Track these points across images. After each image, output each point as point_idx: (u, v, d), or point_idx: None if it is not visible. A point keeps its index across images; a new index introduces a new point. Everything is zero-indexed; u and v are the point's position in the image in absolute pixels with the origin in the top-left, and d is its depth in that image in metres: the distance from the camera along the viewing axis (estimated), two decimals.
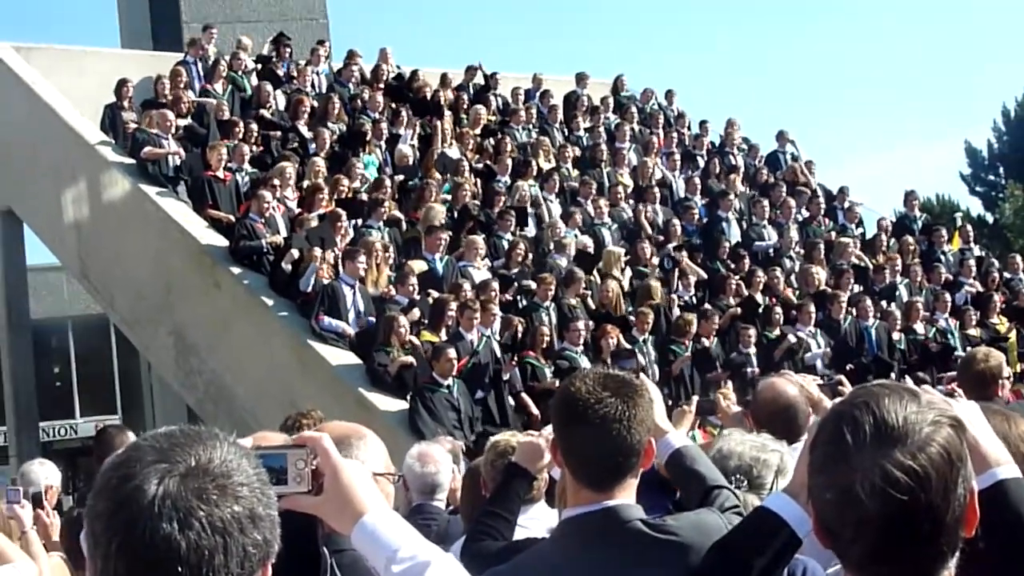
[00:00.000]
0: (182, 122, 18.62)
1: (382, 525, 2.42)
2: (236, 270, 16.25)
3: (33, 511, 6.84)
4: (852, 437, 2.13)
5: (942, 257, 21.16)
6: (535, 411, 14.21)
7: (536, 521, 5.23)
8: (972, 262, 21.13)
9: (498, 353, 14.79)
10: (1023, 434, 3.34)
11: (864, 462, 2.10)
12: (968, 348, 16.66)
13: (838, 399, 2.49)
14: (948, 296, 19.21)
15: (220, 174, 17.29)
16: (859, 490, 2.09)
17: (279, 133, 19.06)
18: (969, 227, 23.86)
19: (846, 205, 22.77)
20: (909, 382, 15.04)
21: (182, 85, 19.46)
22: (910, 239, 21.41)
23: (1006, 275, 21.22)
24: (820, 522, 2.21)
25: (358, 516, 2.44)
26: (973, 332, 18.39)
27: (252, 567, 1.93)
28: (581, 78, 24.91)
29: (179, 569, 1.86)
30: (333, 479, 2.47)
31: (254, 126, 18.62)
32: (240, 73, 20.58)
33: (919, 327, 18.15)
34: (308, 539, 2.58)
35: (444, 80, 22.51)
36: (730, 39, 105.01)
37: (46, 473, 7.70)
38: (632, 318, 16.32)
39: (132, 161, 17.97)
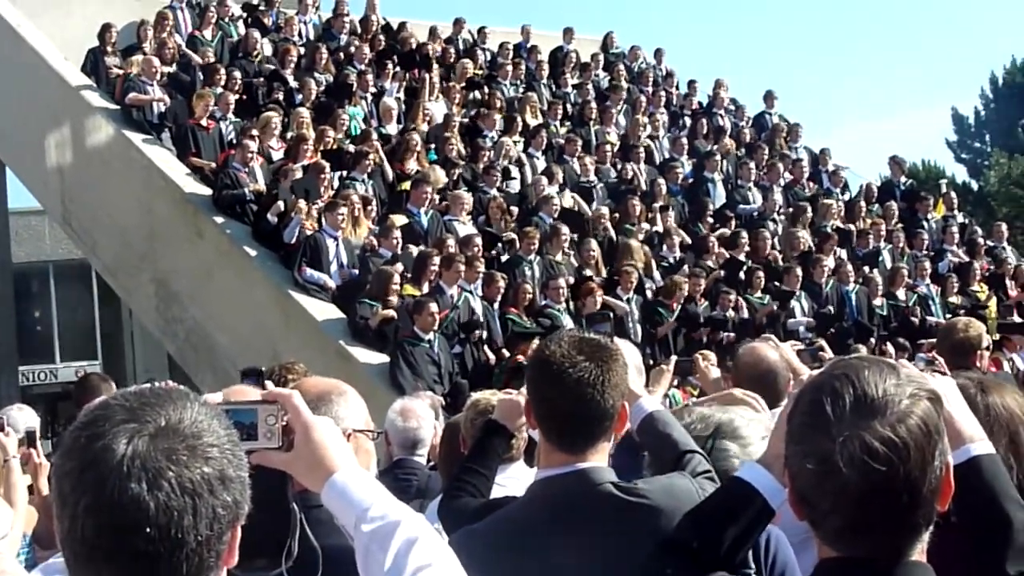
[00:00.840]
0: (167, 69, 18.47)
1: (353, 484, 2.41)
2: (219, 219, 16.20)
3: (27, 450, 6.83)
4: (832, 408, 2.15)
5: (925, 224, 21.18)
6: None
7: (514, 480, 5.23)
8: (955, 229, 21.15)
9: (478, 309, 14.79)
10: (1005, 404, 3.35)
11: (844, 432, 2.12)
12: (948, 315, 16.76)
13: (817, 370, 2.49)
14: (929, 263, 19.24)
15: (204, 122, 17.20)
16: (838, 460, 2.11)
17: (264, 81, 18.93)
18: (953, 194, 23.88)
19: (830, 168, 22.75)
20: (889, 347, 15.16)
21: (167, 31, 19.30)
22: (893, 204, 21.43)
23: (989, 243, 21.25)
24: (797, 492, 2.22)
25: (329, 474, 2.43)
26: (954, 300, 18.43)
27: (222, 528, 1.93)
28: (568, 33, 24.80)
29: (147, 530, 1.85)
30: (304, 436, 2.46)
31: (238, 74, 18.48)
32: (227, 20, 20.42)
33: (900, 293, 18.20)
34: (278, 495, 2.56)
35: (432, 33, 22.37)
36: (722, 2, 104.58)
37: (25, 418, 7.67)
38: (616, 277, 16.30)
39: (117, 107, 17.86)
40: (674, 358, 6.71)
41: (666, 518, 3.29)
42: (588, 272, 16.37)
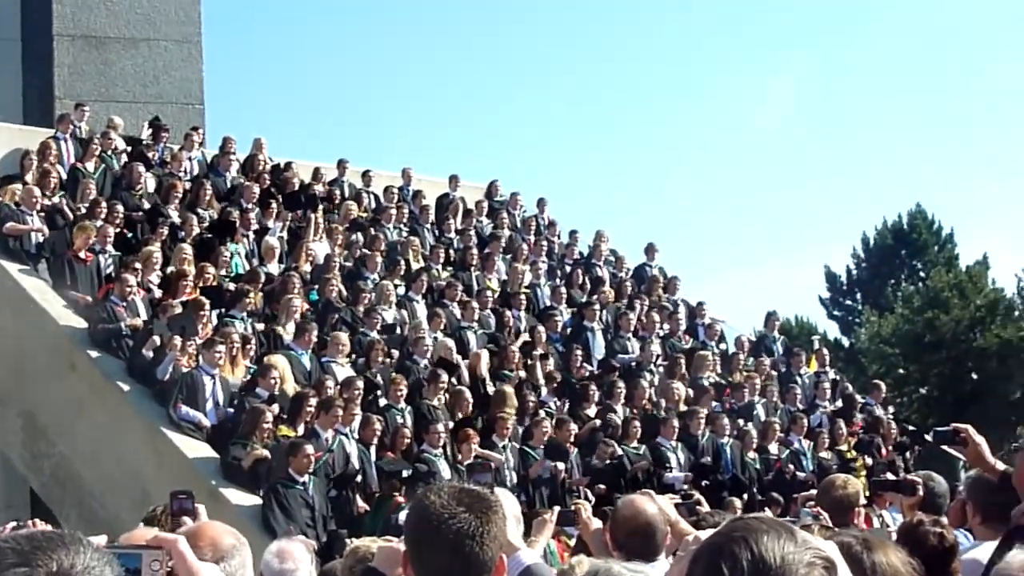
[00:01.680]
0: (47, 200, 18.26)
1: None
2: (94, 353, 15.93)
3: None
4: (730, 572, 2.14)
5: (799, 379, 21.53)
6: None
7: None
8: (827, 385, 21.54)
9: (353, 452, 14.67)
10: (890, 561, 3.40)
11: None
12: (817, 471, 17.03)
13: (709, 529, 2.49)
14: (804, 418, 19.53)
15: (83, 254, 17.00)
16: None
17: (146, 216, 18.81)
18: (825, 350, 24.35)
19: (707, 321, 23.10)
20: (766, 508, 15.22)
21: (50, 161, 19.15)
22: (767, 359, 21.79)
23: (864, 400, 21.67)
24: None
25: None
26: (825, 455, 18.68)
27: None
28: (454, 180, 25.10)
29: None
30: None
31: (120, 207, 18.33)
32: (110, 153, 20.31)
33: (773, 447, 18.42)
34: None
35: (316, 174, 22.48)
36: (602, 153, 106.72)
37: None
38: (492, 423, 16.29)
39: None
40: (556, 508, 6.70)
41: None
42: (462, 417, 16.36)
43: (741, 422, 18.88)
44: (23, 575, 1.85)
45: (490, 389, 17.54)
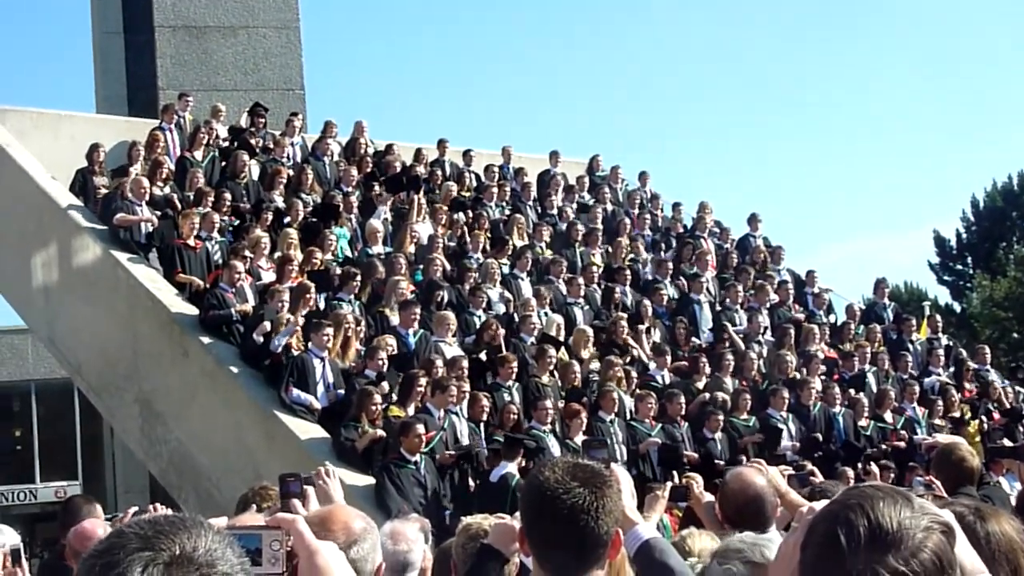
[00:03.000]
0: (156, 190, 18.55)
1: None
2: (205, 339, 16.16)
3: (12, 569, 6.72)
4: (847, 539, 2.12)
5: (910, 346, 21.24)
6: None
7: None
8: (940, 351, 21.23)
9: (464, 431, 14.73)
10: (1004, 531, 3.33)
11: (858, 565, 2.10)
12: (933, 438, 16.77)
13: (827, 500, 2.45)
14: (917, 385, 19.27)
15: (191, 242, 17.25)
16: None
17: (252, 203, 19.04)
18: (937, 316, 24.00)
19: (815, 290, 22.85)
20: (874, 468, 15.09)
21: (159, 152, 19.45)
22: (878, 327, 21.51)
23: (974, 365, 21.31)
24: None
25: None
26: (939, 422, 18.42)
27: None
28: (554, 156, 25.08)
29: None
30: (308, 562, 2.45)
31: (227, 195, 18.58)
32: (213, 142, 20.58)
33: (887, 416, 18.19)
34: None
35: (417, 155, 22.59)
36: (705, 125, 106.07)
37: (6, 538, 7.55)
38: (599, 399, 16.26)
39: (104, 227, 17.92)
40: (669, 483, 6.67)
41: None
42: (573, 390, 16.36)
43: (853, 391, 18.66)
44: (147, 559, 1.87)
45: (596, 365, 17.50)
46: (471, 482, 14.42)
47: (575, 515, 3.32)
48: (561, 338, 17.73)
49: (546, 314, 18.22)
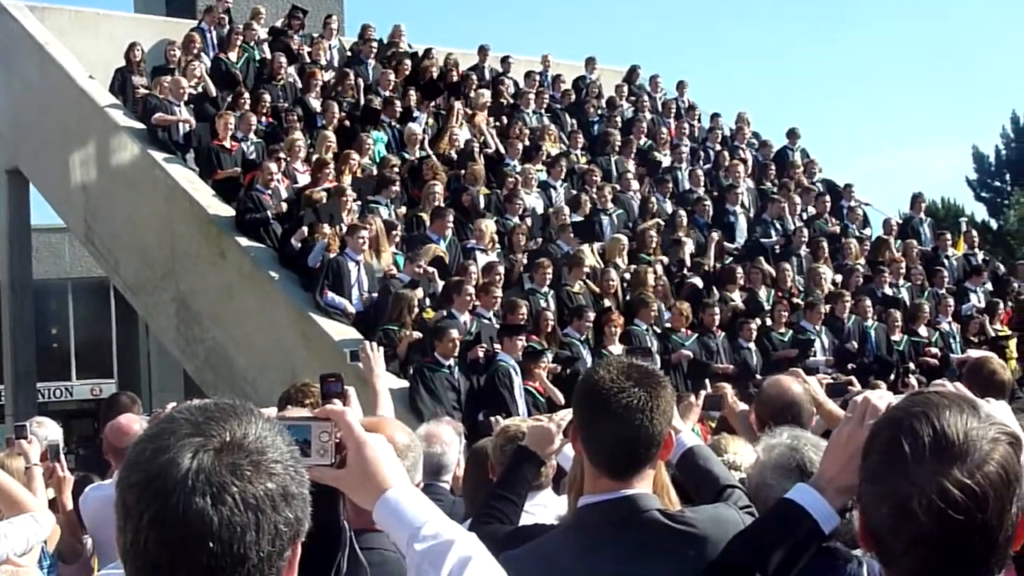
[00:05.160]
0: (193, 90, 18.54)
1: (405, 501, 2.42)
2: (242, 241, 16.22)
3: (51, 464, 6.83)
4: (911, 449, 2.09)
5: (946, 261, 21.12)
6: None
7: (543, 508, 5.22)
8: (977, 267, 21.09)
9: (493, 336, 14.73)
10: None
11: (922, 476, 2.07)
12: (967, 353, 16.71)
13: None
14: (951, 301, 19.18)
15: (227, 143, 17.25)
16: (915, 506, 2.06)
17: (288, 105, 19.01)
18: (974, 232, 23.83)
19: (852, 204, 22.72)
20: (912, 380, 15.04)
21: (195, 52, 19.40)
22: (915, 242, 21.37)
23: (1016, 284, 21.17)
24: (870, 530, 2.17)
25: (381, 491, 2.44)
26: (975, 338, 18.34)
27: (283, 545, 1.92)
28: (591, 63, 24.92)
29: (210, 545, 1.84)
30: (357, 453, 2.48)
31: (266, 96, 18.55)
32: (252, 44, 20.50)
33: (922, 330, 18.12)
34: (330, 512, 2.58)
35: (456, 61, 22.46)
36: (741, 34, 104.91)
37: (47, 432, 7.66)
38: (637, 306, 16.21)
39: (142, 126, 17.94)
40: (703, 392, 6.68)
41: (712, 546, 3.28)
42: (607, 302, 16.32)
43: (886, 306, 18.58)
44: (197, 444, 1.89)
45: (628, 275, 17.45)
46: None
47: (631, 414, 3.33)
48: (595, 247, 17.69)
49: (579, 221, 18.12)
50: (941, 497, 2.05)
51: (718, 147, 23.69)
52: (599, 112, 23.28)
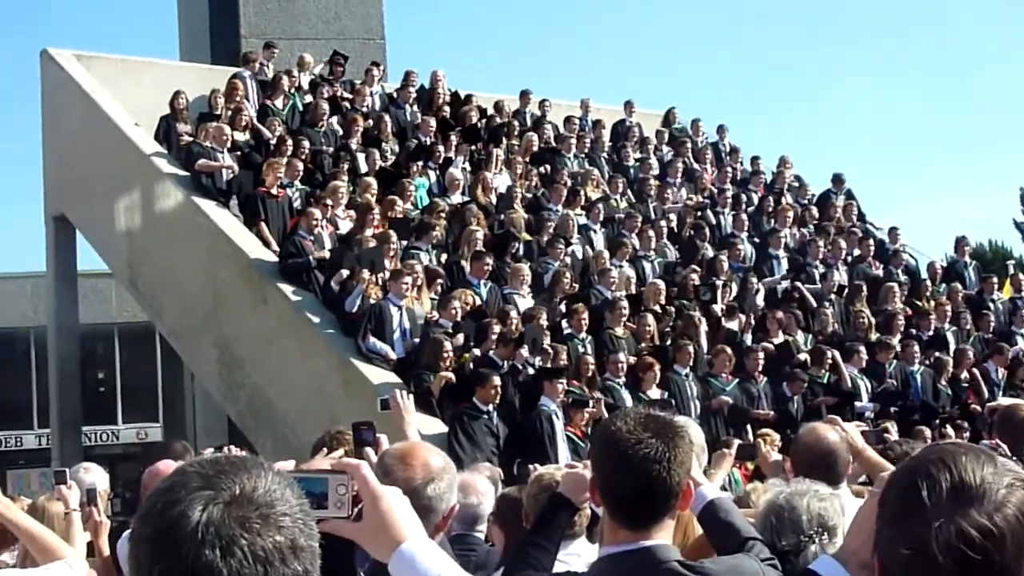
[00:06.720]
0: (238, 137, 18.71)
1: (421, 553, 2.44)
2: (284, 286, 16.29)
3: (88, 508, 6.87)
4: (928, 493, 2.11)
5: (991, 305, 20.94)
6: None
7: (576, 557, 5.21)
8: None
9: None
10: None
11: (940, 518, 2.08)
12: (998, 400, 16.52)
13: (908, 456, 2.42)
14: (997, 345, 18.98)
15: (274, 191, 17.37)
16: (933, 547, 2.06)
17: (331, 151, 19.16)
18: (1021, 275, 23.61)
19: (896, 247, 22.58)
20: (949, 430, 14.88)
21: (238, 99, 19.60)
22: (959, 285, 21.22)
23: None
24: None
25: (397, 543, 2.46)
26: (1022, 383, 18.15)
27: None
28: (629, 106, 24.99)
29: None
30: (372, 505, 2.50)
31: (306, 143, 18.70)
32: (294, 91, 20.70)
33: (965, 375, 17.94)
34: (345, 564, 2.59)
35: (497, 106, 22.57)
36: (781, 79, 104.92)
37: (92, 478, 7.71)
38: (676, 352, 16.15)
39: (186, 173, 18.11)
40: (737, 441, 6.67)
41: None
42: (643, 347, 16.28)
43: (934, 351, 18.41)
44: (207, 498, 1.91)
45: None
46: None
47: (647, 466, 3.34)
48: (632, 292, 17.67)
49: (620, 267, 18.12)
50: (959, 538, 2.05)
51: (761, 191, 23.64)
52: (636, 158, 23.32)
